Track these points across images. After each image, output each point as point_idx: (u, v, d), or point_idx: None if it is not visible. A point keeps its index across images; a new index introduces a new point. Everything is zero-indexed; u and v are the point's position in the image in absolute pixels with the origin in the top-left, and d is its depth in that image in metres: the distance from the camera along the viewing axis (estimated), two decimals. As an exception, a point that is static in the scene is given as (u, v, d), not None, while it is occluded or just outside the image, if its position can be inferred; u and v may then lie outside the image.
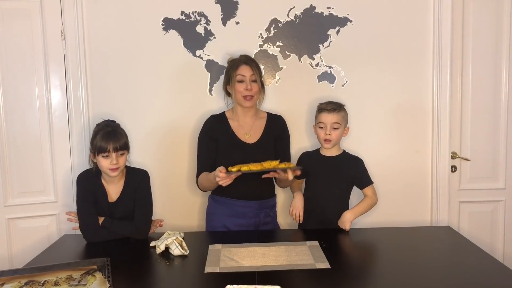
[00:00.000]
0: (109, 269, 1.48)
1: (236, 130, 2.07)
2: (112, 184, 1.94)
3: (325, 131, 2.03)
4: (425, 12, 2.37)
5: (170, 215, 2.34)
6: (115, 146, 1.85)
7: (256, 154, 2.00)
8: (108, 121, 1.97)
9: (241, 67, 2.02)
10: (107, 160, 1.85)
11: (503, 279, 1.47)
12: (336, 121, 2.03)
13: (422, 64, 2.40)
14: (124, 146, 1.90)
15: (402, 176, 2.45)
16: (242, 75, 2.01)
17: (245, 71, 2.02)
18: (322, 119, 2.05)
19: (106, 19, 2.29)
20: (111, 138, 1.87)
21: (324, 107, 2.06)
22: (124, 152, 1.91)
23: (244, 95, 2.01)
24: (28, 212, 2.29)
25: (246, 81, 2.01)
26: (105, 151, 1.84)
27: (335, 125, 2.03)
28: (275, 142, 2.10)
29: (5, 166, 2.24)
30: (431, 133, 2.43)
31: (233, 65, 2.05)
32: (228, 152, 2.03)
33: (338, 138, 2.07)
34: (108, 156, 1.85)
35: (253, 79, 2.02)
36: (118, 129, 1.94)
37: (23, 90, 2.25)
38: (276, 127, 2.13)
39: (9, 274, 1.45)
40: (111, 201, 1.93)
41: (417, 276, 1.50)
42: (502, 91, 2.44)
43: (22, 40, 2.22)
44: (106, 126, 1.92)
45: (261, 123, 2.11)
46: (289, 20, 2.34)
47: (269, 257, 1.64)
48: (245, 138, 2.06)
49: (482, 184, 2.49)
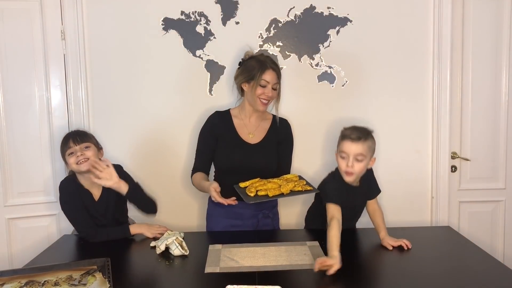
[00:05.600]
0: (109, 269, 1.48)
1: (239, 129, 2.06)
2: (93, 185, 1.93)
3: (347, 162, 1.73)
4: (425, 12, 2.38)
5: (170, 215, 2.34)
6: (75, 140, 1.89)
7: (257, 155, 2.00)
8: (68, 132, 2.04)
9: (268, 72, 1.96)
10: (74, 157, 1.87)
11: (503, 279, 1.47)
12: (361, 152, 1.72)
13: (422, 64, 2.40)
14: (86, 138, 1.92)
15: (402, 176, 2.45)
16: (267, 81, 1.96)
17: (271, 77, 1.97)
18: (344, 148, 1.74)
19: (106, 19, 2.29)
20: (70, 135, 1.93)
21: (348, 134, 1.75)
22: (89, 145, 1.91)
23: (262, 99, 1.98)
24: (28, 212, 2.29)
25: (269, 88, 1.97)
26: (68, 148, 1.88)
27: (359, 156, 1.72)
28: (278, 145, 2.08)
29: (5, 166, 2.24)
30: (431, 133, 2.44)
31: (260, 67, 1.96)
32: (228, 150, 2.02)
33: (362, 171, 1.77)
34: (73, 153, 1.87)
35: (275, 87, 1.99)
36: (78, 130, 2.00)
37: (23, 90, 2.25)
38: (280, 131, 2.10)
39: (9, 274, 1.45)
40: (96, 200, 1.94)
41: (417, 276, 1.50)
42: (502, 91, 2.44)
43: (22, 40, 2.22)
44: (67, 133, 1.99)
45: (266, 125, 2.10)
46: (289, 20, 2.34)
47: (269, 257, 1.64)
48: (248, 138, 2.04)
49: (482, 184, 2.50)
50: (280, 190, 1.75)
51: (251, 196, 1.75)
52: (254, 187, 1.78)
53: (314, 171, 2.35)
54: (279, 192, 1.75)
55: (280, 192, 1.74)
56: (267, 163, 2.03)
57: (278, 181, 1.83)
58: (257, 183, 1.83)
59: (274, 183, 1.81)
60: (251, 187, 1.79)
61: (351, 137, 1.72)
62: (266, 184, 1.79)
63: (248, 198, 1.75)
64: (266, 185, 1.78)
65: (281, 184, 1.79)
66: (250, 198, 1.75)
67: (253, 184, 1.82)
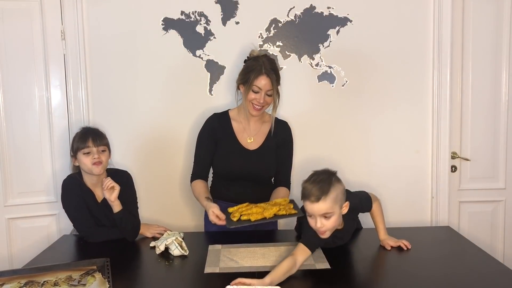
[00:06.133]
0: (108, 269, 1.48)
1: (238, 133, 2.02)
2: (97, 186, 1.93)
3: (315, 223, 1.50)
4: (425, 12, 2.37)
5: (169, 215, 2.34)
6: (94, 141, 1.87)
7: (255, 162, 1.97)
8: (85, 126, 2.01)
9: (262, 78, 1.89)
10: (89, 157, 1.85)
11: (503, 279, 1.47)
12: (325, 211, 1.48)
13: (422, 64, 2.40)
14: (105, 142, 1.92)
15: (402, 176, 2.45)
16: (259, 88, 1.90)
17: (264, 84, 1.89)
18: (307, 209, 1.51)
19: (106, 19, 2.29)
20: (90, 134, 1.89)
21: (307, 194, 1.50)
22: (105, 149, 1.91)
23: (254, 104, 1.93)
24: (28, 212, 2.29)
25: (261, 94, 1.90)
26: (85, 147, 1.85)
27: (326, 214, 1.49)
28: (277, 149, 2.05)
29: (5, 166, 2.24)
30: (431, 133, 2.43)
31: (254, 71, 1.89)
32: (227, 156, 1.99)
33: (335, 224, 1.53)
34: (89, 153, 1.85)
35: (269, 93, 1.92)
36: (97, 130, 1.96)
37: (23, 90, 2.25)
38: (280, 134, 2.06)
39: (9, 274, 1.45)
40: (100, 201, 1.93)
41: (417, 276, 1.50)
42: (502, 91, 2.44)
43: (22, 40, 2.22)
44: (84, 128, 1.96)
45: (266, 128, 2.06)
46: (289, 20, 2.34)
47: (269, 257, 1.64)
48: (247, 143, 2.01)
49: (482, 184, 2.49)
50: (263, 214, 1.71)
51: (233, 221, 1.72)
52: (239, 212, 1.75)
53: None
54: (262, 216, 1.71)
55: (263, 216, 1.70)
56: (266, 169, 2.01)
57: (264, 205, 1.78)
58: (244, 208, 1.78)
59: (260, 207, 1.76)
60: (236, 212, 1.76)
61: (311, 199, 1.48)
62: (251, 209, 1.75)
63: (230, 223, 1.72)
64: (251, 210, 1.74)
65: (266, 208, 1.75)
66: (232, 223, 1.71)
67: (239, 209, 1.78)
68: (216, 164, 2.02)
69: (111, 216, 1.90)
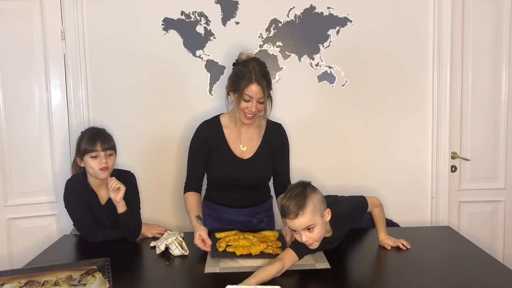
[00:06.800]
0: (109, 269, 1.48)
1: (231, 141, 1.95)
2: (101, 187, 1.93)
3: (301, 237, 1.50)
4: (425, 12, 2.37)
5: (169, 215, 2.34)
6: (103, 145, 1.85)
7: (250, 170, 1.93)
8: (93, 127, 1.98)
9: (252, 86, 1.80)
10: (96, 160, 1.84)
11: (503, 279, 1.47)
12: (306, 224, 1.48)
13: (422, 64, 2.40)
14: (112, 146, 1.90)
15: (402, 176, 2.45)
16: (250, 96, 1.82)
17: (256, 92, 1.81)
18: (289, 225, 1.51)
19: (106, 19, 2.29)
20: (99, 137, 1.87)
21: (285, 212, 1.49)
22: (112, 153, 1.90)
23: (246, 113, 1.86)
24: (28, 212, 2.29)
25: (253, 102, 1.82)
26: (93, 151, 1.83)
27: (309, 226, 1.49)
28: (273, 154, 2.00)
29: (5, 166, 2.24)
30: (431, 133, 2.43)
31: (244, 78, 1.81)
32: (220, 165, 1.94)
33: (321, 233, 1.52)
34: (97, 156, 1.84)
35: (261, 101, 1.84)
36: (104, 132, 1.94)
37: (23, 90, 2.25)
38: (275, 138, 1.99)
39: (9, 274, 1.45)
40: (103, 203, 1.93)
41: (417, 276, 1.50)
42: (502, 91, 2.44)
43: (22, 40, 2.22)
44: (93, 129, 1.94)
45: (259, 133, 1.98)
46: (289, 20, 2.34)
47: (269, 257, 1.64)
48: (240, 152, 1.94)
49: (482, 184, 2.49)
50: (249, 250, 1.66)
51: (218, 251, 1.68)
52: (225, 242, 1.71)
53: (313, 173, 2.34)
54: (247, 252, 1.65)
55: (249, 252, 1.65)
56: (261, 177, 1.99)
57: (253, 239, 1.73)
58: (232, 237, 1.75)
59: (247, 240, 1.71)
60: (223, 241, 1.72)
61: (290, 217, 1.48)
62: (238, 240, 1.71)
63: (214, 253, 1.67)
64: (238, 242, 1.70)
65: (254, 243, 1.70)
66: (216, 254, 1.67)
67: (226, 238, 1.75)
68: (210, 173, 1.98)
69: (113, 218, 1.90)
